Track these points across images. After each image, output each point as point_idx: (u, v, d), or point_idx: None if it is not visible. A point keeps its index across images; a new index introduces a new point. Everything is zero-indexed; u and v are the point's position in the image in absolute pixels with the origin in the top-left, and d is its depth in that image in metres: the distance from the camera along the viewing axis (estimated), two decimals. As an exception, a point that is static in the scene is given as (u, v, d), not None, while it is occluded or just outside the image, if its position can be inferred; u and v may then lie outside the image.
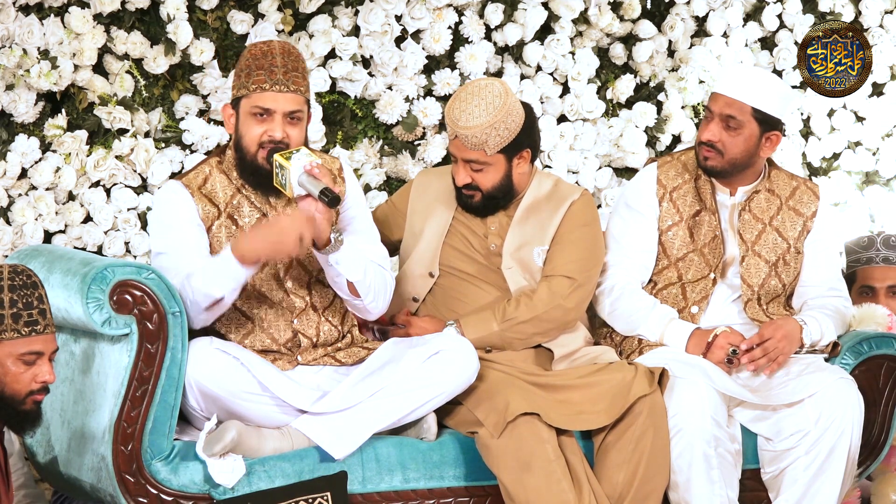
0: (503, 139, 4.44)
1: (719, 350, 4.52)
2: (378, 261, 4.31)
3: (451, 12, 5.27)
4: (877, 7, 5.80)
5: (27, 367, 3.53)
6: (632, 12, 5.48)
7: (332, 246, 4.14)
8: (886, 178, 5.90)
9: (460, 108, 4.43)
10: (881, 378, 4.62)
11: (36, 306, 3.52)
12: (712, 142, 4.59)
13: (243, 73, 4.18)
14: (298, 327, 4.27)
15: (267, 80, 4.14)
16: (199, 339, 4.13)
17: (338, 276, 4.20)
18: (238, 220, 4.24)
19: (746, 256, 4.66)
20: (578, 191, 4.63)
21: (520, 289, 4.53)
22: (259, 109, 4.15)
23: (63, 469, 4.24)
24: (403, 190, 4.72)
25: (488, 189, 4.51)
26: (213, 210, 4.23)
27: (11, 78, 4.82)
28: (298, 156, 4.08)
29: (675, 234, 4.67)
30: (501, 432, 4.16)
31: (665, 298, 4.66)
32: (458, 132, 4.42)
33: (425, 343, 4.24)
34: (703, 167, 4.65)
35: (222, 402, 4.08)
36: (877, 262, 5.25)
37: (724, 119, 4.58)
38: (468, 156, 4.46)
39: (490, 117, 4.40)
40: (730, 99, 4.57)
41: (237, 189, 4.26)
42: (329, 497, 4.05)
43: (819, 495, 4.40)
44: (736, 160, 4.61)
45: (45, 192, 4.88)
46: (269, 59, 4.16)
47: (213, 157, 4.32)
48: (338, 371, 4.28)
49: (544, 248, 4.57)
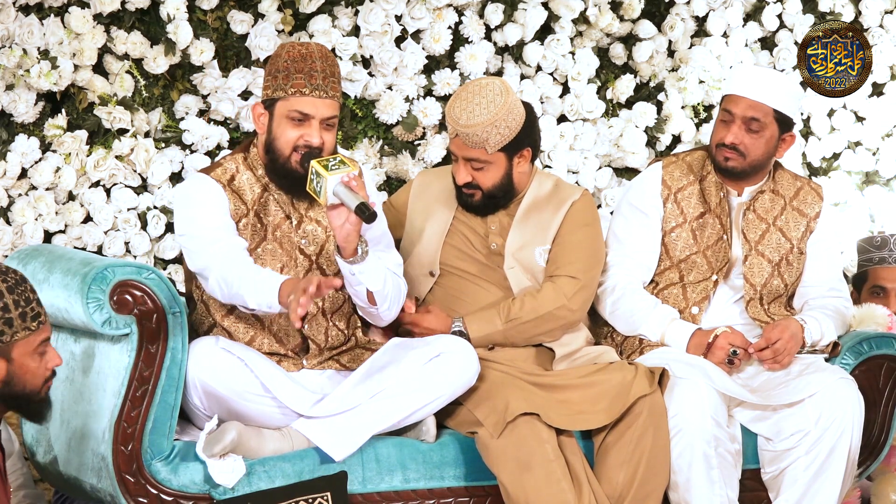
0: (504, 137, 4.44)
1: (720, 350, 4.52)
2: (393, 268, 4.31)
3: (451, 12, 5.27)
4: (877, 7, 5.80)
5: (41, 358, 3.56)
6: (632, 12, 5.48)
7: (358, 257, 4.13)
8: (886, 178, 5.90)
9: (461, 107, 4.43)
10: (881, 378, 4.62)
11: (32, 299, 3.55)
12: (735, 144, 4.59)
13: (280, 75, 4.15)
14: (307, 332, 4.27)
15: (307, 84, 4.12)
16: (204, 339, 4.14)
17: (358, 285, 4.20)
18: (264, 219, 4.23)
19: (749, 256, 4.66)
20: (579, 191, 4.63)
21: (523, 288, 4.53)
22: (298, 114, 4.13)
23: (63, 469, 4.23)
24: (403, 190, 4.72)
25: (489, 188, 4.51)
26: (242, 207, 4.21)
27: (11, 78, 4.82)
28: (336, 165, 4.06)
29: (679, 235, 4.67)
30: (501, 432, 4.16)
31: (666, 299, 4.66)
32: (459, 130, 4.42)
33: (426, 345, 4.24)
34: (722, 168, 4.64)
35: (225, 401, 4.08)
36: (890, 263, 5.25)
37: (746, 122, 4.58)
38: (469, 154, 4.46)
39: (491, 115, 4.40)
40: (753, 101, 4.58)
41: (263, 188, 4.24)
42: (329, 497, 4.05)
43: (819, 495, 4.40)
44: (756, 162, 4.62)
45: (45, 192, 4.88)
46: (308, 63, 4.13)
47: (238, 154, 4.29)
48: (341, 374, 4.28)
49: (546, 247, 4.57)
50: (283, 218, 4.24)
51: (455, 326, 4.47)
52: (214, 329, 4.24)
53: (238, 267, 4.08)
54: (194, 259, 4.15)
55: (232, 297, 4.08)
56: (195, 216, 4.17)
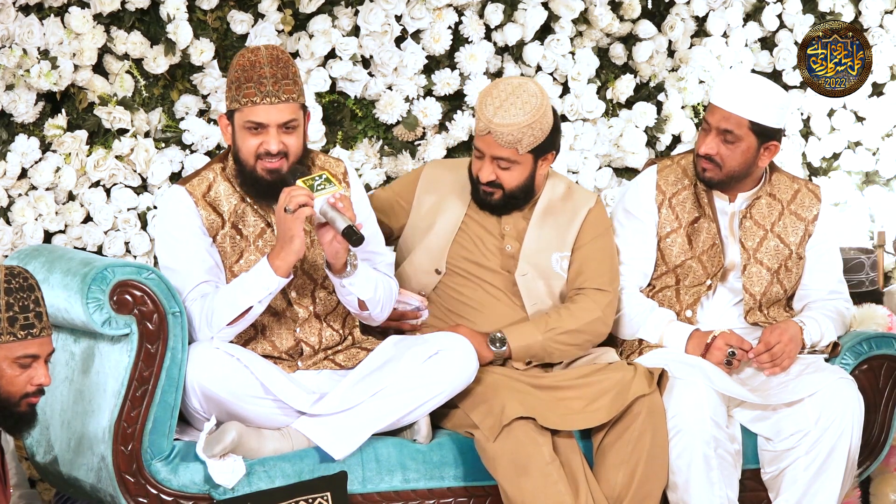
0: (536, 139, 4.41)
1: (718, 351, 4.52)
2: (384, 269, 4.31)
3: (451, 12, 5.26)
4: (877, 7, 5.80)
5: (23, 370, 3.51)
6: (632, 12, 5.48)
7: (347, 272, 4.13)
8: (886, 178, 5.89)
9: (496, 105, 4.39)
10: (881, 378, 4.62)
11: (32, 309, 3.50)
12: (710, 155, 4.58)
13: (234, 86, 4.15)
14: (301, 336, 4.27)
15: (257, 92, 4.10)
16: (202, 342, 4.13)
17: (349, 295, 4.20)
18: (243, 230, 4.23)
19: (748, 265, 4.65)
20: (593, 197, 4.62)
21: (532, 296, 4.50)
22: (252, 124, 4.12)
23: (63, 469, 4.23)
24: (409, 180, 4.65)
25: (511, 188, 4.47)
26: (217, 219, 4.22)
27: (11, 78, 4.82)
28: (321, 184, 4.05)
29: (674, 240, 4.67)
30: (497, 436, 4.16)
31: (661, 301, 4.66)
32: (493, 129, 4.38)
33: (424, 343, 4.24)
34: (701, 179, 4.64)
35: (225, 405, 4.08)
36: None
37: (720, 133, 4.56)
38: (498, 153, 4.42)
39: (528, 117, 4.38)
40: (727, 113, 4.54)
41: (241, 198, 4.24)
42: (329, 497, 4.05)
43: (819, 495, 4.40)
44: (734, 172, 4.60)
45: (45, 192, 4.88)
46: (257, 71, 4.11)
47: (217, 164, 4.29)
48: (337, 373, 4.28)
49: (563, 254, 4.54)
50: (265, 227, 4.24)
51: (492, 335, 4.41)
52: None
53: (213, 296, 4.09)
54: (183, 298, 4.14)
55: (220, 319, 4.07)
56: (176, 253, 4.18)
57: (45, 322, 3.54)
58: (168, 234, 4.21)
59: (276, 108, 4.11)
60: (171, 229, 4.21)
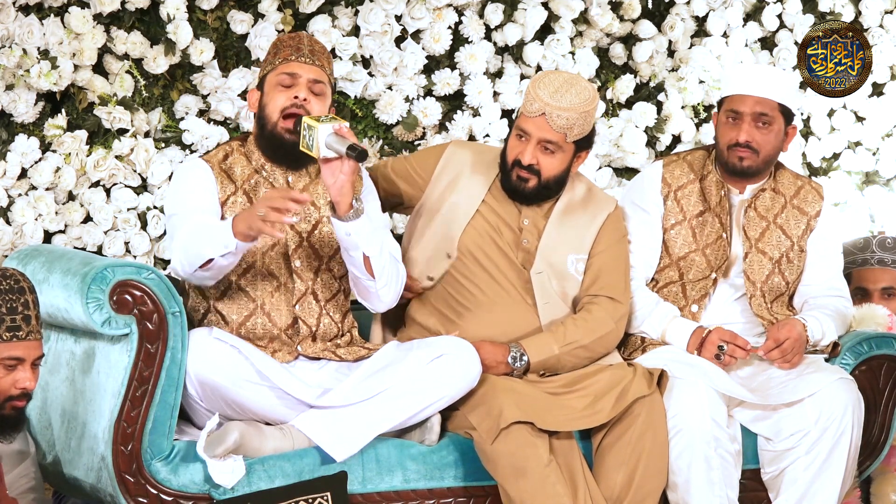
0: (583, 130, 4.41)
1: (710, 345, 4.53)
2: (392, 252, 4.29)
3: (451, 12, 5.26)
4: (877, 7, 5.80)
5: (7, 371, 3.50)
6: (632, 12, 5.48)
7: (352, 213, 4.12)
8: (886, 178, 5.89)
9: (553, 88, 4.38)
10: (881, 378, 4.62)
11: (20, 312, 3.48)
12: (749, 142, 4.61)
13: (270, 54, 4.30)
14: (299, 313, 4.27)
15: (293, 53, 4.26)
16: (198, 330, 4.14)
17: (354, 250, 4.17)
18: (254, 200, 4.25)
19: (750, 253, 4.66)
20: (612, 202, 4.61)
21: (545, 296, 4.48)
22: (286, 77, 4.24)
23: (63, 469, 4.23)
24: (430, 154, 4.59)
25: (548, 176, 4.43)
26: (230, 186, 4.27)
27: (11, 78, 4.82)
28: (327, 119, 4.11)
29: (678, 233, 4.68)
30: (495, 438, 4.16)
31: (665, 297, 4.66)
32: (549, 111, 4.35)
33: (427, 346, 4.23)
34: (737, 168, 4.64)
35: (222, 391, 4.08)
36: (871, 264, 5.24)
37: (756, 118, 4.60)
38: (547, 136, 4.38)
39: (583, 102, 4.37)
40: (759, 98, 4.60)
41: (255, 170, 4.29)
42: (329, 497, 4.05)
43: (819, 495, 4.40)
44: (769, 157, 4.65)
45: (45, 192, 4.88)
46: (295, 41, 4.29)
47: (235, 141, 4.38)
48: (339, 370, 4.27)
49: (580, 256, 4.52)
50: None
51: (513, 352, 4.37)
52: (209, 315, 4.25)
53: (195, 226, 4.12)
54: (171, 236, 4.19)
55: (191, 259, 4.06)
56: (181, 199, 4.24)
57: (33, 326, 3.52)
58: (178, 188, 4.28)
59: (309, 67, 4.27)
60: (183, 183, 4.28)
